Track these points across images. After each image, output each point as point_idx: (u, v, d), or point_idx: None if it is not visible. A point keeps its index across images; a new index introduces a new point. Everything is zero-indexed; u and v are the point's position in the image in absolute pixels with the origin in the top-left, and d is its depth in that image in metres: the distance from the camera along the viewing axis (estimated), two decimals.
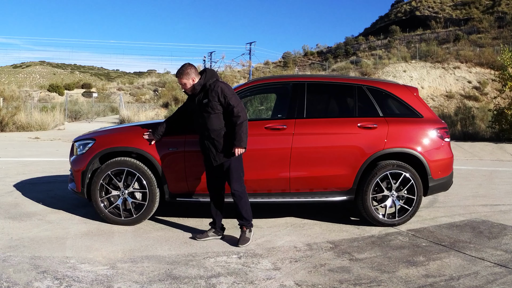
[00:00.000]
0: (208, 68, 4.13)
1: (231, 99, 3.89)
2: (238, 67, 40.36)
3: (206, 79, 4.00)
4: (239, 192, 3.98)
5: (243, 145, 3.87)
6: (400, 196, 4.60)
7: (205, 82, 3.99)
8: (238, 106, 3.88)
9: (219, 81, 4.00)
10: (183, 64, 4.09)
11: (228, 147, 3.93)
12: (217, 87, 3.92)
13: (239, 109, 3.87)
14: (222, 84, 3.97)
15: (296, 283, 3.13)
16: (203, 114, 3.98)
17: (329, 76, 5.29)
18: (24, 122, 17.90)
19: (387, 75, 31.79)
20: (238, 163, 3.98)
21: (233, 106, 3.87)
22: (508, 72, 16.43)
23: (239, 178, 3.99)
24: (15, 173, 7.44)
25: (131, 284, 3.03)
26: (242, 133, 3.85)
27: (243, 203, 4.01)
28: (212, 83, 3.96)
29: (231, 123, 3.91)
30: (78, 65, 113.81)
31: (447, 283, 3.17)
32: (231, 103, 3.87)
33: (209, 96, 3.93)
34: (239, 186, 3.98)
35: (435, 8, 59.51)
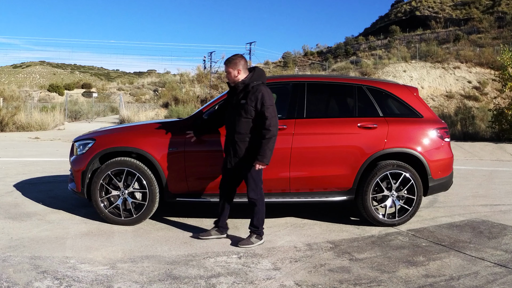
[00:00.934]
0: (258, 67, 4.00)
1: (268, 109, 3.74)
2: None
3: (251, 79, 3.87)
4: (255, 200, 3.92)
5: (266, 161, 3.77)
6: (400, 196, 4.60)
7: (249, 82, 3.86)
8: (272, 119, 3.73)
9: (263, 86, 3.85)
10: (235, 54, 4.01)
11: (246, 155, 3.85)
12: (258, 91, 3.78)
13: (272, 123, 3.73)
14: (265, 90, 3.80)
15: (296, 283, 3.13)
16: (235, 114, 3.88)
17: (329, 76, 5.29)
18: (24, 122, 17.90)
19: (387, 75, 31.78)
20: (257, 174, 3.88)
21: (266, 118, 3.73)
22: (508, 72, 16.42)
23: (256, 187, 3.90)
24: (15, 173, 7.44)
25: (131, 284, 3.03)
26: (268, 149, 3.74)
27: (256, 210, 3.94)
28: (256, 85, 3.83)
29: (259, 133, 3.79)
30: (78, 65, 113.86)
31: (447, 283, 3.17)
32: (266, 114, 3.73)
33: (247, 98, 3.80)
34: (255, 194, 3.90)
35: (435, 8, 59.52)
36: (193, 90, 31.69)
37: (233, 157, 3.92)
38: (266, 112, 3.74)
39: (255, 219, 3.96)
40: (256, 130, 3.82)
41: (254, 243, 3.95)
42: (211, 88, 31.09)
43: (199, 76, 37.69)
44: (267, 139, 3.74)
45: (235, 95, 3.93)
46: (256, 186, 3.90)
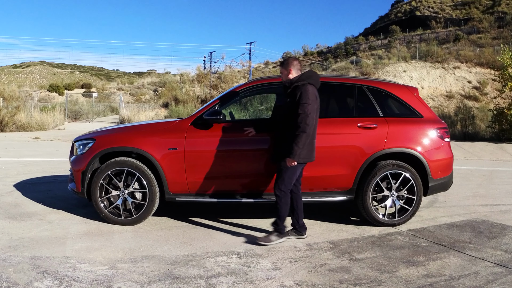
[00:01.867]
0: (311, 70, 4.04)
1: (302, 105, 3.74)
2: (238, 67, 40.35)
3: (299, 78, 3.93)
4: (277, 196, 3.91)
5: (293, 157, 3.75)
6: (400, 196, 4.60)
7: (295, 80, 3.93)
8: (303, 116, 3.72)
9: (308, 85, 3.86)
10: (290, 56, 4.10)
11: (281, 150, 3.90)
12: (299, 90, 3.82)
13: (303, 119, 3.72)
14: (306, 89, 3.82)
15: (296, 283, 3.13)
16: (283, 112, 4.00)
17: (329, 76, 5.28)
18: (24, 122, 17.90)
19: (387, 75, 31.79)
20: (286, 171, 3.87)
21: (299, 114, 3.74)
22: (508, 72, 16.42)
23: (281, 184, 3.89)
24: (15, 173, 7.44)
25: (131, 284, 3.03)
26: (296, 145, 3.72)
27: (277, 207, 3.93)
28: (301, 84, 3.88)
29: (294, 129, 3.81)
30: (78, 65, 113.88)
31: (447, 283, 3.17)
32: (299, 110, 3.75)
33: (293, 96, 3.89)
34: (279, 190, 3.89)
35: (435, 8, 59.52)
36: (193, 90, 31.69)
37: (274, 152, 4.05)
38: (300, 107, 3.76)
39: (276, 216, 3.97)
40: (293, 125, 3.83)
41: (273, 241, 3.95)
42: (211, 88, 31.09)
43: (199, 76, 37.71)
44: (296, 135, 3.75)
45: (286, 96, 4.03)
46: (282, 183, 3.89)
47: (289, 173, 3.88)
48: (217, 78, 34.11)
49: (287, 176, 3.89)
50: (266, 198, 4.51)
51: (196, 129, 4.50)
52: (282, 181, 3.89)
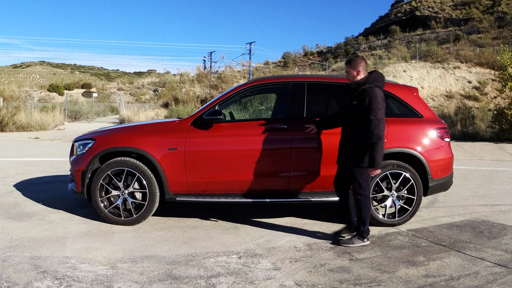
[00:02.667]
0: (377, 71, 3.99)
1: (374, 111, 3.71)
2: (238, 67, 40.35)
3: (366, 80, 3.89)
4: (357, 200, 3.93)
5: (376, 166, 3.75)
6: (400, 196, 4.60)
7: (362, 82, 3.89)
8: (376, 122, 3.70)
9: (376, 89, 3.82)
10: (357, 55, 4.07)
11: (355, 155, 3.88)
12: (367, 94, 3.78)
13: (376, 125, 3.70)
14: (374, 93, 3.78)
15: (296, 283, 3.13)
16: (348, 114, 3.97)
17: (329, 76, 5.28)
18: (24, 122, 17.90)
19: (387, 75, 31.77)
20: (361, 175, 3.87)
21: (371, 121, 3.71)
22: (508, 72, 16.42)
23: (360, 188, 3.90)
24: (15, 173, 7.44)
25: (131, 284, 3.03)
26: (376, 153, 3.71)
27: (361, 210, 3.95)
28: (369, 87, 3.83)
29: (366, 135, 3.77)
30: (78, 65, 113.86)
31: (447, 283, 3.17)
32: (370, 117, 3.72)
33: (360, 98, 3.84)
34: (359, 195, 3.91)
35: (435, 8, 59.52)
36: (193, 90, 31.69)
37: (341, 155, 4.03)
38: (371, 114, 3.73)
39: (359, 220, 3.99)
40: (365, 132, 3.80)
41: (355, 244, 3.96)
42: (211, 88, 31.09)
43: (199, 76, 37.71)
44: (372, 143, 3.73)
45: (351, 97, 3.98)
46: (360, 188, 3.89)
47: (364, 177, 3.89)
48: (217, 78, 34.11)
49: (363, 180, 3.89)
50: (266, 198, 4.51)
51: (196, 129, 4.50)
52: (360, 185, 3.90)
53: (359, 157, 3.84)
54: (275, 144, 4.48)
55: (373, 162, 3.75)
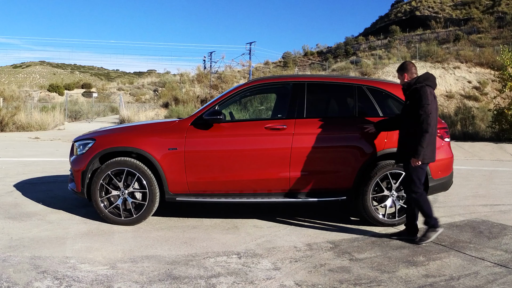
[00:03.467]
0: (429, 73, 4.14)
1: (423, 107, 3.87)
2: (238, 67, 40.32)
3: (417, 80, 4.05)
4: (415, 197, 4.01)
5: (418, 157, 3.87)
6: (400, 196, 4.59)
7: (412, 82, 4.05)
8: (425, 116, 3.84)
9: (426, 87, 3.97)
10: (406, 61, 4.28)
11: (405, 151, 4.01)
12: (417, 92, 3.95)
13: (424, 119, 3.85)
14: (424, 90, 3.93)
15: (296, 283, 3.13)
16: (404, 114, 4.12)
17: (329, 76, 5.28)
18: (24, 122, 17.90)
19: (387, 75, 31.78)
20: (414, 171, 3.98)
21: (420, 114, 3.87)
22: (508, 72, 16.41)
23: (414, 184, 4.00)
24: (15, 173, 7.44)
25: (131, 284, 3.03)
26: (419, 145, 3.85)
27: (419, 207, 4.06)
28: (420, 86, 3.99)
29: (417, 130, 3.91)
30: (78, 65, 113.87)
31: (447, 283, 3.17)
32: (420, 111, 3.87)
33: (411, 98, 4.00)
34: (413, 192, 4.01)
35: (435, 8, 59.51)
36: (193, 90, 31.69)
37: (398, 153, 4.16)
38: (420, 110, 3.88)
39: (424, 215, 4.07)
40: (415, 126, 3.95)
41: (432, 237, 4.06)
42: (211, 88, 31.09)
43: (199, 76, 37.69)
44: (419, 135, 3.87)
45: (405, 98, 4.16)
46: (414, 185, 4.00)
47: (417, 174, 3.99)
48: (217, 78, 34.11)
49: (416, 177, 4.00)
50: (266, 198, 4.51)
51: (196, 129, 4.50)
52: (414, 183, 4.01)
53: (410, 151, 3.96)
54: (275, 144, 4.48)
55: (416, 152, 3.87)
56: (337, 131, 4.58)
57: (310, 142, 4.50)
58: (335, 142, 4.54)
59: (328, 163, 4.51)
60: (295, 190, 4.53)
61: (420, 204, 4.05)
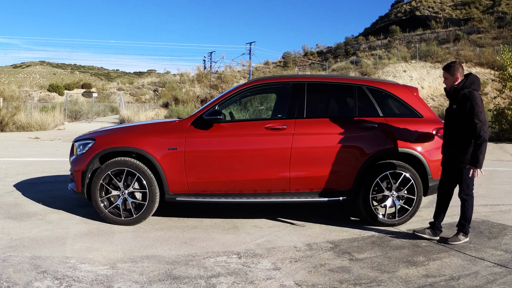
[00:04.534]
0: (472, 74, 4.13)
1: (477, 116, 3.86)
2: (238, 67, 40.32)
3: (463, 84, 4.03)
4: (465, 200, 4.11)
5: (479, 166, 3.91)
6: (400, 196, 4.60)
7: (460, 87, 4.02)
8: (481, 125, 3.85)
9: (475, 92, 3.96)
10: (455, 61, 4.25)
11: (461, 158, 4.02)
12: (467, 98, 3.92)
13: (482, 128, 3.85)
14: (474, 96, 3.92)
15: (296, 283, 3.13)
16: (450, 118, 4.09)
17: (329, 76, 5.29)
18: (24, 122, 17.89)
19: (387, 75, 31.78)
20: (468, 176, 4.03)
21: (476, 124, 3.86)
22: (508, 72, 16.40)
23: (467, 189, 4.08)
24: (15, 173, 7.44)
25: (131, 284, 3.03)
26: (480, 154, 3.86)
27: (464, 210, 4.13)
28: (468, 91, 3.96)
29: (471, 138, 3.93)
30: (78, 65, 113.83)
31: (447, 283, 3.17)
32: (475, 121, 3.86)
33: (459, 102, 3.98)
34: (465, 195, 4.09)
35: (435, 8, 59.51)
36: (193, 90, 31.69)
37: (447, 158, 4.15)
38: (475, 118, 3.87)
39: (462, 218, 4.14)
40: (467, 134, 3.95)
41: (461, 240, 4.10)
42: (211, 88, 31.09)
43: (199, 76, 37.70)
44: (478, 145, 3.87)
45: (451, 101, 4.13)
46: (467, 188, 4.08)
47: (471, 178, 4.06)
48: (217, 78, 34.11)
49: (470, 181, 4.07)
50: (266, 198, 4.51)
51: (196, 129, 4.50)
52: (467, 186, 4.08)
53: (466, 159, 3.99)
54: (275, 144, 4.48)
55: (477, 161, 3.89)
56: (337, 131, 4.58)
57: (310, 142, 4.50)
58: (335, 142, 4.54)
59: (328, 163, 4.51)
60: (295, 190, 4.53)
61: (467, 206, 4.12)
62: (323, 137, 4.53)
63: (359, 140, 4.54)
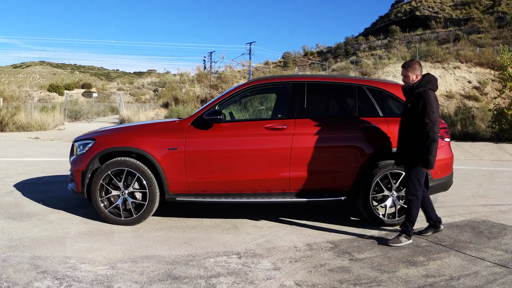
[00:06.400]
0: (430, 74, 4.13)
1: (428, 114, 3.85)
2: (238, 67, 40.30)
3: (419, 83, 4.02)
4: (410, 200, 4.05)
5: (430, 167, 3.91)
6: (400, 196, 4.59)
7: (416, 85, 4.02)
8: (431, 125, 3.84)
9: (429, 91, 3.96)
10: (414, 59, 4.25)
11: (410, 157, 4.00)
12: (421, 97, 3.92)
13: (432, 128, 3.84)
14: (428, 96, 3.92)
15: (296, 283, 3.13)
16: (404, 117, 4.09)
17: (329, 76, 5.29)
18: (24, 122, 17.90)
19: (387, 75, 31.77)
20: (416, 176, 4.00)
21: (426, 124, 3.85)
22: (508, 72, 16.40)
23: (413, 189, 4.03)
24: (15, 173, 7.44)
25: (131, 284, 3.03)
26: (430, 155, 3.85)
27: (409, 211, 4.07)
28: (423, 90, 3.96)
29: (422, 137, 3.91)
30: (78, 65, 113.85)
31: (447, 283, 3.17)
32: (426, 119, 3.85)
33: (413, 101, 3.99)
34: (411, 194, 4.04)
35: (435, 8, 59.50)
36: (193, 90, 31.68)
37: (399, 156, 4.14)
38: (426, 117, 3.86)
39: (407, 217, 4.09)
40: (418, 134, 3.94)
41: (403, 242, 4.04)
42: (211, 88, 31.09)
43: (199, 76, 37.68)
44: (427, 145, 3.86)
45: (406, 100, 4.14)
46: (414, 188, 4.02)
47: (419, 177, 4.01)
48: (217, 78, 34.10)
49: (417, 180, 4.01)
50: (266, 198, 4.51)
51: (196, 129, 4.51)
52: (413, 185, 4.02)
53: (414, 157, 3.96)
54: (275, 144, 4.48)
55: (428, 163, 3.88)
56: (337, 131, 4.59)
57: (310, 142, 4.50)
58: (335, 142, 4.54)
59: (328, 163, 4.51)
60: (295, 190, 4.53)
61: (412, 207, 4.04)
62: (323, 137, 4.53)
63: (359, 140, 4.54)
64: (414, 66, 4.10)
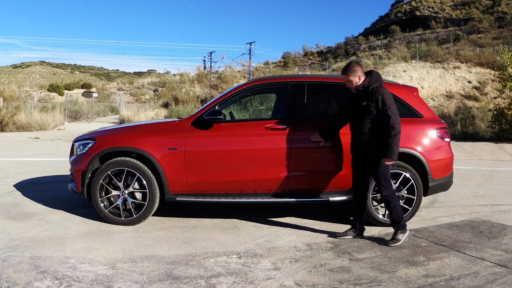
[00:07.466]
0: (374, 70, 4.23)
1: (390, 108, 3.92)
2: (238, 67, 40.32)
3: (370, 81, 4.06)
4: (388, 197, 4.05)
5: (394, 157, 3.94)
6: (400, 196, 4.59)
7: (368, 84, 4.05)
8: (394, 117, 3.91)
9: (382, 87, 4.05)
10: (350, 62, 4.24)
11: (374, 153, 4.01)
12: (377, 93, 3.99)
13: (395, 120, 3.91)
14: (384, 90, 4.01)
15: (296, 283, 3.13)
16: (358, 116, 4.08)
17: (329, 76, 5.28)
18: (24, 122, 17.91)
19: (387, 75, 31.77)
20: (386, 170, 4.03)
21: (389, 117, 3.91)
22: (508, 72, 16.40)
23: (386, 184, 4.04)
24: (15, 173, 7.44)
25: (131, 284, 3.03)
26: (395, 145, 3.91)
27: (392, 206, 4.07)
28: (376, 86, 4.03)
29: (384, 132, 3.95)
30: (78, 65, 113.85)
31: (447, 283, 3.17)
32: (388, 113, 3.92)
33: (368, 99, 4.01)
34: (387, 191, 4.04)
35: (435, 8, 59.52)
36: (193, 90, 31.70)
37: (361, 156, 4.12)
38: (388, 111, 3.93)
39: (394, 215, 4.08)
40: (380, 128, 3.98)
41: (402, 239, 4.04)
42: (211, 88, 31.09)
43: (199, 76, 37.70)
44: (392, 136, 3.91)
45: (357, 99, 4.11)
46: (386, 183, 4.04)
47: (386, 173, 4.04)
48: (217, 78, 34.10)
49: (387, 175, 4.05)
50: (266, 198, 4.51)
51: (196, 129, 4.51)
52: (386, 182, 4.05)
53: (380, 153, 3.97)
54: (275, 144, 4.48)
55: (393, 153, 3.92)
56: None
57: (310, 142, 4.49)
58: (335, 142, 4.54)
59: (328, 163, 4.51)
60: (295, 190, 4.52)
61: (393, 203, 4.06)
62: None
63: None
64: (353, 69, 4.10)
